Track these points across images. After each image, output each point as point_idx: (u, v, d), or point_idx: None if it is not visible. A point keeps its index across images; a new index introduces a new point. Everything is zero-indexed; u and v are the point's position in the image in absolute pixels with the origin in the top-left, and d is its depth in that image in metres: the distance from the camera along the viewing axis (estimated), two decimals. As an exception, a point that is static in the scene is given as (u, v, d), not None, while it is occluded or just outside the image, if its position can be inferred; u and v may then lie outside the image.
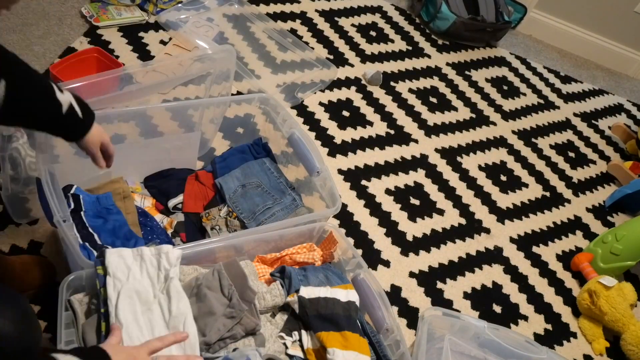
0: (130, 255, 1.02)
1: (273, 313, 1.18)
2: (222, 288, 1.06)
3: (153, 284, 1.01)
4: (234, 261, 1.11)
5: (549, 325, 1.73)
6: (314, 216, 1.32)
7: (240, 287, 1.07)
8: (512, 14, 2.91)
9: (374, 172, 1.94)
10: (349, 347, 1.09)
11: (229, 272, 1.08)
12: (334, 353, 1.07)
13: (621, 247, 1.83)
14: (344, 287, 1.20)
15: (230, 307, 1.04)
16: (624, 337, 1.69)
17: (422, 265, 1.72)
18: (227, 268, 1.09)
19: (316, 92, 2.14)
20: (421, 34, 2.73)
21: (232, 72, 1.53)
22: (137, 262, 1.02)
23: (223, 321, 1.03)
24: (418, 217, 1.86)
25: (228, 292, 1.05)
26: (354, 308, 1.17)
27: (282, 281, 1.19)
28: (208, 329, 1.01)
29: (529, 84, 2.75)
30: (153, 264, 1.03)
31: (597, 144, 2.57)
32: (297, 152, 1.44)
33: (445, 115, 2.32)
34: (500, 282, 1.78)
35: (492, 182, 2.12)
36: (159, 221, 1.42)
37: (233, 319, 1.04)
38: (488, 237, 1.90)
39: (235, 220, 1.41)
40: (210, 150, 1.70)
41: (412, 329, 1.54)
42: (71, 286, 1.01)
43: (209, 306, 1.03)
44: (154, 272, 1.02)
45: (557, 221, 2.09)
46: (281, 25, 2.36)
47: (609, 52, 3.14)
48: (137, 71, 1.39)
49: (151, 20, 2.10)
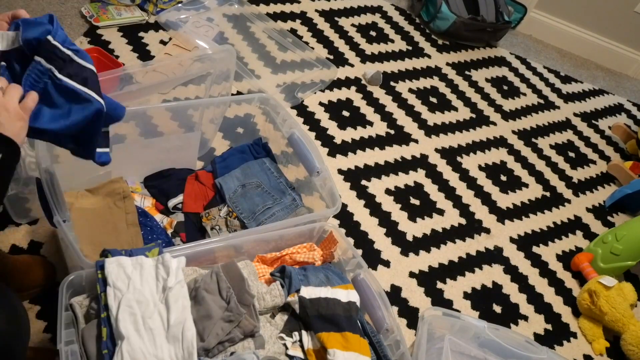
0: (130, 265, 1.01)
1: (273, 314, 1.18)
2: (221, 291, 1.05)
3: (153, 294, 1.01)
4: (232, 263, 1.10)
5: (549, 325, 1.73)
6: (314, 216, 1.32)
7: (238, 290, 1.06)
8: (512, 14, 2.91)
9: (374, 172, 1.94)
10: (350, 348, 1.09)
11: (227, 274, 1.07)
12: (335, 354, 1.07)
13: (621, 247, 1.83)
14: (344, 287, 1.20)
15: (229, 311, 1.04)
16: (624, 337, 1.69)
17: (422, 265, 1.72)
18: (225, 270, 1.08)
19: (316, 92, 2.14)
20: (421, 34, 2.73)
21: (232, 72, 1.53)
22: (137, 271, 1.01)
23: (221, 325, 1.03)
24: (418, 217, 1.86)
25: (226, 295, 1.05)
26: (355, 308, 1.17)
27: (282, 281, 1.19)
28: (206, 333, 1.01)
29: (529, 84, 2.75)
30: (152, 274, 1.03)
31: (597, 144, 2.57)
32: (297, 152, 1.44)
33: (445, 115, 2.32)
34: (500, 282, 1.78)
35: (492, 182, 2.12)
36: (158, 221, 1.42)
37: (231, 323, 1.03)
38: (488, 237, 1.90)
39: (235, 220, 1.41)
40: (210, 150, 1.70)
41: (412, 329, 1.53)
42: (71, 286, 1.00)
43: (207, 310, 1.02)
44: (153, 283, 1.02)
45: (557, 221, 2.09)
46: (281, 25, 2.36)
47: (609, 52, 3.14)
48: (137, 71, 1.40)
49: (151, 20, 2.10)
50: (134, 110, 1.36)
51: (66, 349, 0.92)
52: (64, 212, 1.05)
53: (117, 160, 1.18)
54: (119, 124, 1.29)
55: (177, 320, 0.97)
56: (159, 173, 1.52)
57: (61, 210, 1.05)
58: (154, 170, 1.52)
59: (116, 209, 1.37)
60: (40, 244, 1.36)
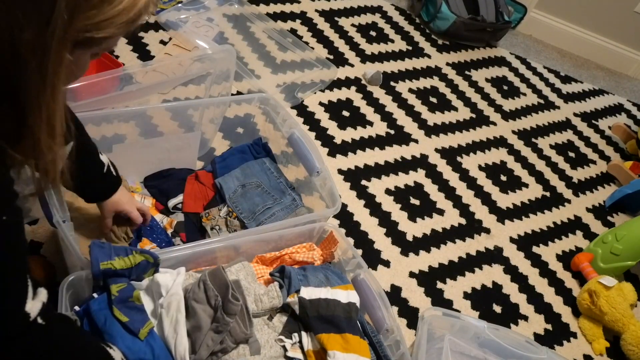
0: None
1: (270, 316, 1.17)
2: (209, 299, 1.03)
3: (149, 311, 1.02)
4: (218, 269, 1.07)
5: (549, 325, 1.72)
6: (314, 216, 1.32)
7: (223, 299, 1.03)
8: (512, 14, 2.91)
9: (374, 172, 1.94)
10: (350, 349, 1.09)
11: (214, 282, 1.05)
12: (335, 356, 1.07)
13: (621, 247, 1.83)
14: (344, 288, 1.20)
15: (216, 321, 1.02)
16: (624, 337, 1.69)
17: (422, 265, 1.72)
18: (211, 277, 1.06)
19: (316, 92, 2.14)
20: (421, 34, 2.73)
21: (232, 72, 1.53)
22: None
23: (211, 336, 1.01)
24: (418, 217, 1.86)
25: (214, 303, 1.03)
26: (355, 309, 1.17)
27: (281, 282, 1.19)
28: (197, 345, 1.00)
29: (529, 84, 2.75)
30: (147, 293, 1.03)
31: (597, 144, 2.57)
32: (297, 152, 1.44)
33: (445, 115, 2.32)
34: (500, 282, 1.78)
35: (492, 182, 2.12)
36: (159, 221, 1.42)
37: (221, 334, 1.02)
38: (488, 237, 1.90)
39: (235, 220, 1.41)
40: (210, 150, 1.70)
41: (412, 329, 1.53)
42: (71, 286, 1.00)
43: (197, 320, 1.01)
44: (149, 301, 1.03)
45: (557, 221, 2.09)
46: (281, 25, 2.36)
47: (609, 52, 3.14)
48: (137, 71, 1.39)
49: (151, 20, 2.09)
50: (134, 110, 1.37)
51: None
52: (64, 212, 1.05)
53: (117, 160, 1.19)
54: (119, 124, 1.30)
55: (168, 336, 0.98)
56: (159, 173, 1.52)
57: (61, 210, 1.05)
58: (153, 170, 1.52)
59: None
60: (40, 244, 1.36)
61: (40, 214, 1.37)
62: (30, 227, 1.38)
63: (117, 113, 1.34)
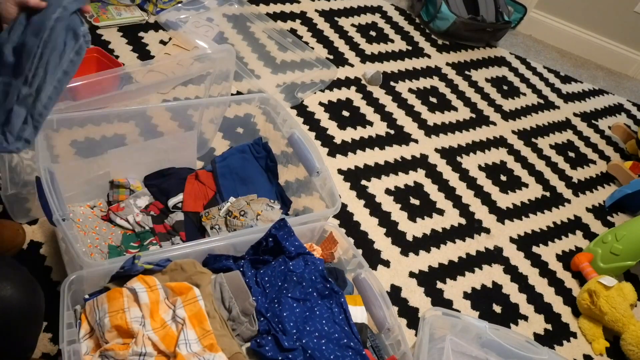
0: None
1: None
2: (224, 300, 1.07)
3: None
4: (235, 274, 1.11)
5: (549, 325, 1.72)
6: (314, 216, 1.32)
7: (241, 301, 1.08)
8: (512, 14, 2.92)
9: (374, 172, 1.94)
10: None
11: (231, 285, 1.09)
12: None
13: (621, 247, 1.83)
14: (353, 302, 1.20)
15: (231, 320, 1.06)
16: (624, 337, 1.69)
17: (422, 265, 1.72)
18: (229, 280, 1.10)
19: (316, 92, 2.14)
20: (421, 34, 2.73)
21: (232, 72, 1.53)
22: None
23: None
24: (418, 217, 1.86)
25: (228, 305, 1.07)
26: (364, 330, 1.18)
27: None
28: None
29: (529, 84, 2.75)
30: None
31: (597, 144, 2.57)
32: (297, 152, 1.44)
33: (445, 115, 2.32)
34: (500, 282, 1.78)
35: (492, 182, 2.12)
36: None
37: (233, 332, 1.06)
38: (488, 237, 1.90)
39: (235, 219, 1.41)
40: (210, 150, 1.70)
41: (412, 329, 1.53)
42: (72, 287, 1.01)
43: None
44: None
45: (557, 221, 2.09)
46: (281, 25, 2.36)
47: (609, 52, 3.14)
48: (137, 71, 1.39)
49: (151, 20, 2.09)
50: (134, 110, 1.37)
51: (68, 348, 0.92)
52: (63, 210, 1.05)
53: (117, 159, 1.19)
54: (119, 123, 1.30)
55: None
56: (159, 172, 1.52)
57: (61, 208, 1.05)
58: (153, 169, 1.52)
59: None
60: (40, 244, 1.36)
61: (40, 214, 1.37)
62: (30, 227, 1.38)
63: (117, 113, 1.34)
